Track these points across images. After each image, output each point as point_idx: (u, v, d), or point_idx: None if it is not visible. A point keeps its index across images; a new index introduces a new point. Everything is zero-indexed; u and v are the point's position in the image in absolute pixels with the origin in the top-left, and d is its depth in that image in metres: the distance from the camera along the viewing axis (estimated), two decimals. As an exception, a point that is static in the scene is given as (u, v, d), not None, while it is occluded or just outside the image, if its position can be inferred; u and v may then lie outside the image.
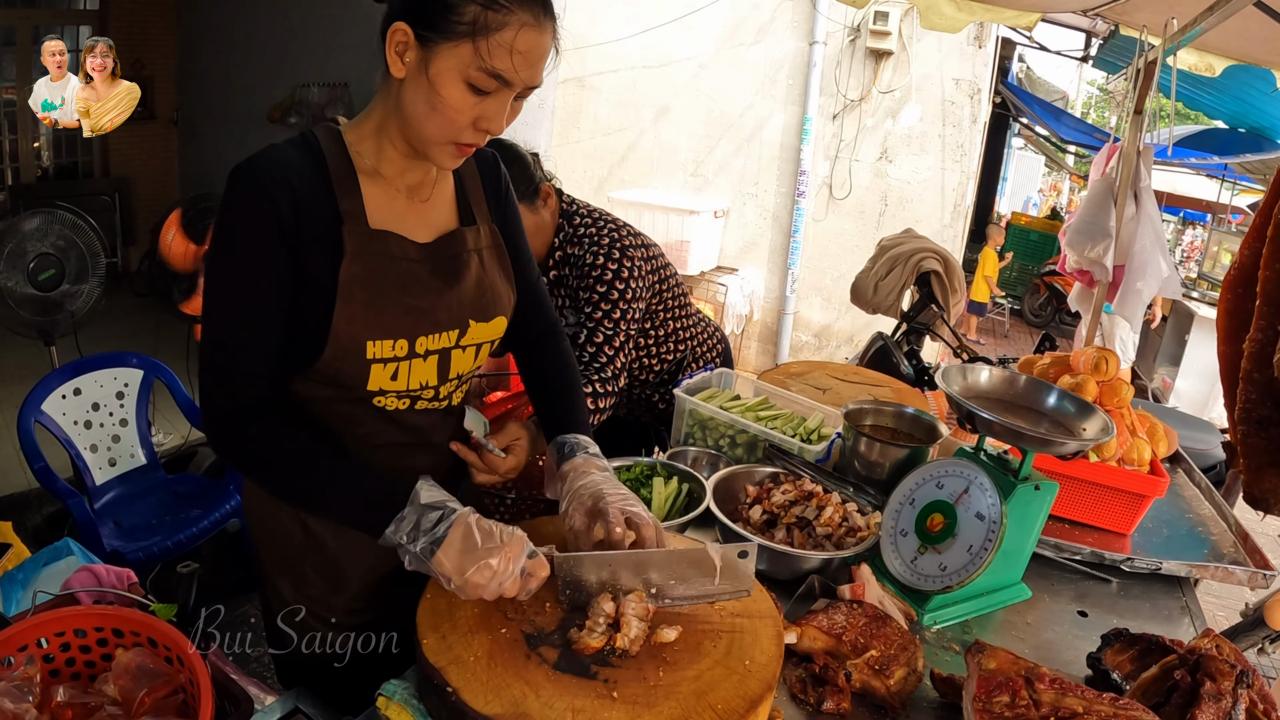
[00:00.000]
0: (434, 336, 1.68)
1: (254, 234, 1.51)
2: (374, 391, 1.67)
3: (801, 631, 1.73)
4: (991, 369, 2.23)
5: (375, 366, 1.62)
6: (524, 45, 1.48)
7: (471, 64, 1.46)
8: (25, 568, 2.52)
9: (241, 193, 1.51)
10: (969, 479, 2.00)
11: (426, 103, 1.50)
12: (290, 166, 1.54)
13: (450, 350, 1.73)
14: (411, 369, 1.68)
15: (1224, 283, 1.91)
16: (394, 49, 1.50)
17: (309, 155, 1.59)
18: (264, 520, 1.86)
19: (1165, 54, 3.54)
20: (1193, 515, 2.76)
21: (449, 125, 1.53)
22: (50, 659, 1.46)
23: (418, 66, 1.49)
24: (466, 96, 1.50)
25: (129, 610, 1.48)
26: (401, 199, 1.69)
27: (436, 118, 1.52)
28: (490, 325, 1.80)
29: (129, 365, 4.27)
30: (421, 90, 1.50)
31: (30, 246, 4.32)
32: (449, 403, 1.85)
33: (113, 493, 4.17)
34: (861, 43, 8.07)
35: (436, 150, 1.59)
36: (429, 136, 1.56)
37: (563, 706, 1.33)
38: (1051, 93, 18.28)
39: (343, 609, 1.86)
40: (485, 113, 1.53)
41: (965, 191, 8.22)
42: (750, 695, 1.41)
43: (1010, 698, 1.49)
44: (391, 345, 1.61)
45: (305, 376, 1.64)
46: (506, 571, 1.47)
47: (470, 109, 1.51)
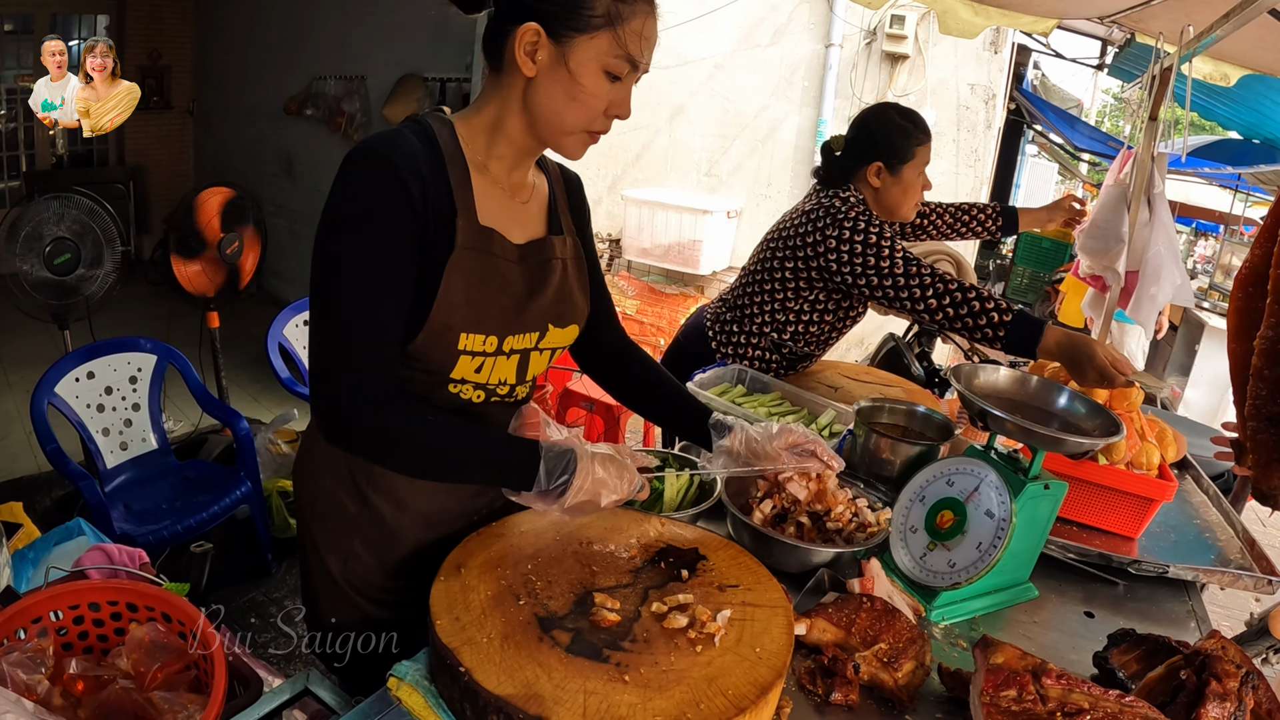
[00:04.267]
0: (520, 336, 1.74)
1: (390, 217, 1.52)
2: (456, 380, 1.71)
3: (811, 623, 1.73)
4: (1004, 369, 2.24)
5: (464, 358, 1.67)
6: (649, 31, 1.61)
7: (609, 52, 1.57)
8: (36, 546, 2.53)
9: (375, 177, 1.51)
10: (979, 477, 2.01)
11: (566, 94, 1.60)
12: (417, 154, 1.56)
13: (530, 351, 1.80)
14: (496, 365, 1.74)
15: (1235, 281, 1.91)
16: (523, 49, 1.57)
17: (427, 144, 1.61)
18: (317, 496, 1.88)
19: (1180, 61, 3.53)
20: (1200, 521, 2.76)
21: (587, 113, 1.63)
22: (64, 632, 1.46)
23: (553, 62, 1.58)
24: (603, 84, 1.60)
25: (143, 585, 1.49)
26: (505, 197, 1.74)
27: (576, 107, 1.61)
28: (565, 332, 1.87)
29: (142, 350, 4.29)
30: (560, 83, 1.59)
31: (47, 230, 4.34)
32: (516, 398, 1.88)
33: (123, 476, 4.19)
34: (877, 46, 8.07)
35: (571, 140, 1.68)
36: (567, 126, 1.64)
37: (575, 688, 1.34)
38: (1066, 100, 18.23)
39: (387, 585, 1.88)
40: (617, 99, 1.65)
41: (979, 197, 8.20)
42: (760, 682, 1.42)
43: (1017, 692, 1.49)
44: (483, 340, 1.67)
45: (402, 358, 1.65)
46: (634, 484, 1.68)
47: (605, 95, 1.62)
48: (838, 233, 2.89)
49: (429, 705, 1.44)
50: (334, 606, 1.91)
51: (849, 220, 2.88)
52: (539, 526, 1.81)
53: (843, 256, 2.88)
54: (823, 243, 2.92)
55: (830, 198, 3.00)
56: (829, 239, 2.90)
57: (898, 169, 3.02)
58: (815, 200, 3.05)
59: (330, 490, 1.85)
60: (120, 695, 1.36)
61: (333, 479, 1.84)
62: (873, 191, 3.08)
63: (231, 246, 5.02)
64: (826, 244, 2.91)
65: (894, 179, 3.04)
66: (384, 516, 1.83)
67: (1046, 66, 17.26)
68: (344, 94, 8.09)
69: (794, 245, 3.03)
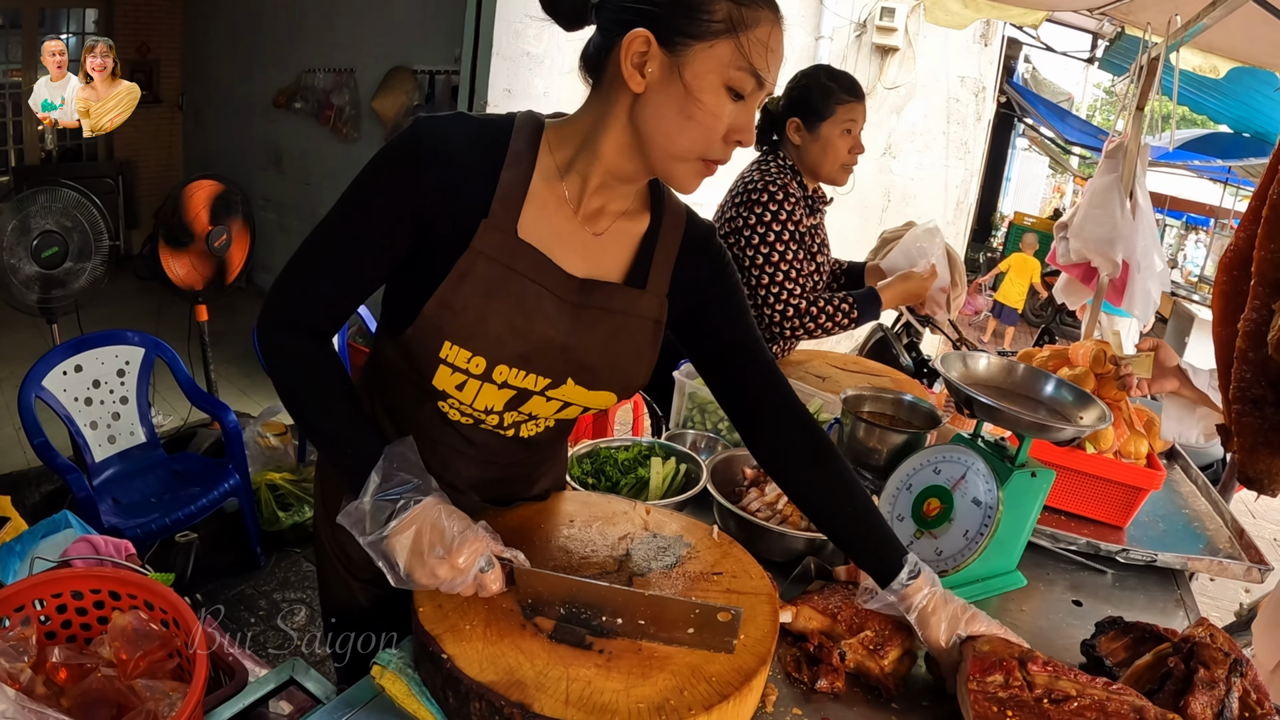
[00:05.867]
0: (517, 373, 1.57)
1: (386, 192, 1.47)
2: (439, 391, 1.60)
3: (797, 611, 1.73)
4: (991, 357, 2.24)
5: (443, 368, 1.54)
6: (775, 43, 1.43)
7: (731, 64, 1.38)
8: (24, 539, 2.52)
9: (401, 147, 1.47)
10: (966, 465, 2.01)
11: (680, 113, 1.41)
12: (460, 144, 1.48)
13: (532, 394, 1.62)
14: (481, 390, 1.59)
15: (1219, 265, 1.91)
16: (630, 61, 1.40)
17: (494, 140, 1.51)
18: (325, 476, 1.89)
19: (1168, 50, 3.54)
20: (1189, 510, 2.77)
21: (705, 135, 1.43)
22: (46, 621, 1.46)
23: (665, 75, 1.40)
24: (725, 102, 1.41)
25: (126, 572, 1.48)
26: (573, 221, 1.58)
27: (692, 128, 1.42)
28: (593, 395, 1.66)
29: (130, 343, 4.27)
30: (673, 99, 1.40)
31: (34, 224, 4.33)
32: (516, 433, 1.73)
33: (112, 470, 4.18)
34: (867, 38, 8.06)
35: (683, 169, 1.48)
36: (679, 151, 1.45)
37: (557, 675, 1.33)
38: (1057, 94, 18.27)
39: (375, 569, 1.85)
40: (739, 122, 1.44)
41: (968, 189, 8.22)
42: (744, 669, 1.41)
43: (1004, 679, 1.50)
44: (468, 358, 1.52)
45: (395, 342, 1.58)
46: (451, 581, 1.39)
47: (727, 116, 1.42)
48: (745, 213, 3.01)
49: (412, 693, 1.43)
50: (334, 594, 1.91)
51: (759, 204, 3.00)
52: (524, 515, 1.81)
53: (739, 239, 3.02)
54: (736, 218, 3.03)
55: (753, 170, 3.11)
56: (740, 217, 3.02)
57: (815, 125, 3.07)
58: (738, 179, 3.16)
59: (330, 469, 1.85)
60: (102, 683, 1.35)
61: None
62: (795, 149, 3.14)
63: (219, 239, 5.01)
64: (735, 223, 3.03)
65: (812, 136, 3.08)
66: None
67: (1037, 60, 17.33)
68: (333, 87, 8.08)
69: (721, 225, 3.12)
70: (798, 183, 3.11)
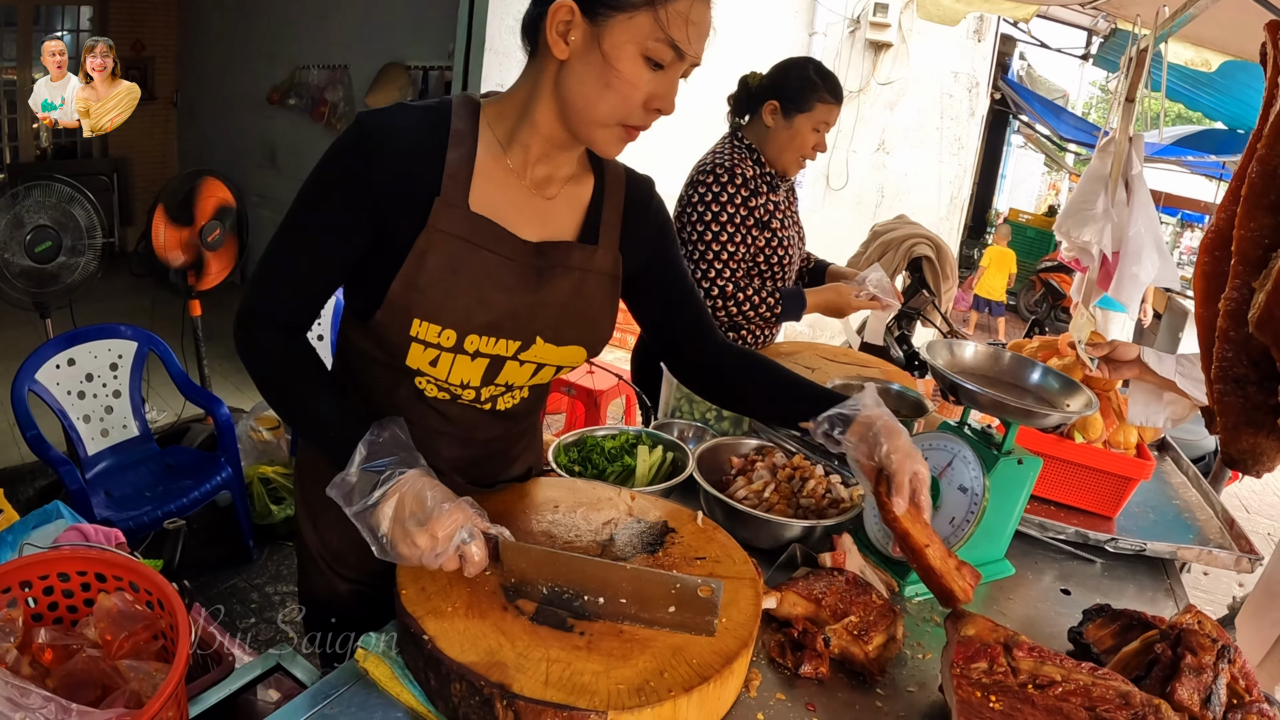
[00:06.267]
0: (489, 340, 1.62)
1: (341, 184, 1.52)
2: (413, 370, 1.64)
3: (782, 596, 1.74)
4: (978, 345, 2.25)
5: (415, 346, 1.58)
6: (697, 16, 1.48)
7: (649, 35, 1.44)
8: (15, 530, 2.52)
9: (348, 141, 1.51)
10: (953, 452, 2.01)
11: (599, 80, 1.47)
12: (406, 131, 1.53)
13: (505, 359, 1.67)
14: (455, 363, 1.63)
15: (1200, 246, 1.92)
16: (555, 29, 1.47)
17: (435, 122, 1.56)
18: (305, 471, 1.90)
19: (1157, 40, 3.54)
20: (1179, 501, 2.77)
21: (623, 103, 1.50)
22: (34, 603, 1.46)
23: (586, 44, 1.46)
24: (643, 71, 1.47)
25: (112, 554, 1.49)
26: (521, 190, 1.64)
27: (610, 96, 1.48)
28: (563, 350, 1.72)
29: (123, 337, 4.27)
30: (593, 68, 1.47)
31: (28, 219, 4.33)
32: (493, 406, 1.78)
33: (104, 463, 4.19)
34: (861, 34, 8.08)
35: (603, 134, 1.55)
36: (599, 117, 1.52)
37: (538, 656, 1.34)
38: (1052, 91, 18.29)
39: (355, 564, 1.86)
40: (658, 90, 1.51)
41: (962, 185, 8.23)
42: (726, 651, 1.42)
43: (988, 664, 1.49)
44: (438, 332, 1.57)
45: (364, 330, 1.63)
46: (432, 551, 1.39)
47: (645, 85, 1.48)
48: (690, 191, 3.13)
49: (395, 676, 1.44)
50: (315, 586, 1.91)
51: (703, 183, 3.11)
52: (509, 500, 1.81)
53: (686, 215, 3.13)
54: (688, 195, 3.15)
55: (710, 155, 3.21)
56: (689, 194, 3.15)
57: (791, 114, 3.13)
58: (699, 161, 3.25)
59: (313, 463, 1.86)
60: (87, 664, 1.35)
61: (315, 452, 1.85)
62: (765, 130, 3.20)
63: (212, 234, 5.03)
64: (684, 200, 3.17)
65: (785, 122, 3.15)
66: None
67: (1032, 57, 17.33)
68: (327, 83, 8.08)
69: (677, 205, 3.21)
70: (754, 161, 3.20)
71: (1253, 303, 1.64)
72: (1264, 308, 1.60)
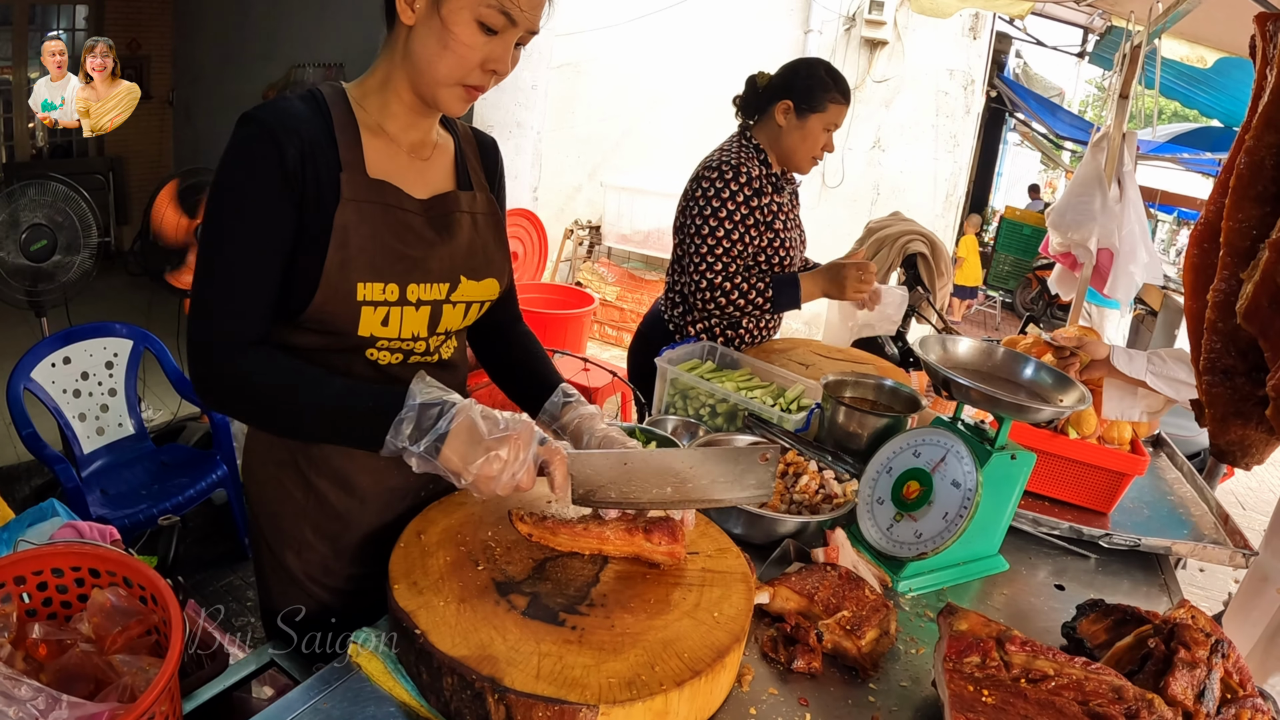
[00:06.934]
0: (425, 286, 1.71)
1: (258, 176, 1.54)
2: (366, 339, 1.68)
3: (774, 592, 1.74)
4: (971, 340, 2.25)
5: (366, 310, 1.63)
6: None
7: (482, 2, 1.54)
8: (10, 528, 2.52)
9: (248, 136, 1.54)
10: (946, 448, 2.02)
11: (439, 43, 1.58)
12: (298, 116, 1.59)
13: (441, 304, 1.76)
14: (404, 317, 1.70)
15: (1190, 238, 1.92)
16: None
17: (314, 107, 1.63)
18: (264, 486, 1.86)
19: (1150, 37, 3.55)
20: (1174, 497, 2.78)
21: (460, 64, 1.60)
22: (27, 598, 1.47)
23: (428, 9, 1.57)
24: (477, 35, 1.57)
25: (105, 550, 1.49)
26: (402, 155, 1.74)
27: (448, 57, 1.59)
28: (482, 285, 1.83)
29: (118, 335, 4.27)
30: (434, 31, 1.58)
31: (23, 217, 4.32)
32: (439, 357, 1.86)
33: (100, 461, 4.17)
34: (856, 32, 8.08)
35: (446, 93, 1.65)
36: (440, 78, 1.62)
37: (529, 650, 1.34)
38: (1048, 89, 18.31)
39: (343, 573, 1.86)
40: (493, 54, 1.61)
41: (958, 182, 8.24)
42: (717, 646, 1.42)
43: (981, 659, 1.50)
44: (382, 289, 1.64)
45: (299, 325, 1.64)
46: (517, 460, 1.48)
47: (480, 48, 1.59)
48: (694, 185, 3.15)
49: (388, 671, 1.44)
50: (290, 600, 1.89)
51: (707, 179, 3.12)
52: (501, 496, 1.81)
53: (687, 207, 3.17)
54: (693, 189, 3.17)
55: (714, 154, 3.22)
56: (693, 189, 3.16)
57: (805, 114, 3.14)
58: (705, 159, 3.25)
59: (276, 479, 1.83)
60: (81, 658, 1.36)
61: (277, 467, 1.82)
62: (776, 130, 3.20)
63: (208, 232, 4.98)
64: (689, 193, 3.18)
65: (798, 122, 3.15)
66: (331, 501, 1.81)
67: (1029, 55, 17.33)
68: (323, 81, 8.06)
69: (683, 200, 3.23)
70: (760, 161, 3.21)
71: (1241, 293, 1.64)
72: (1251, 298, 1.60)
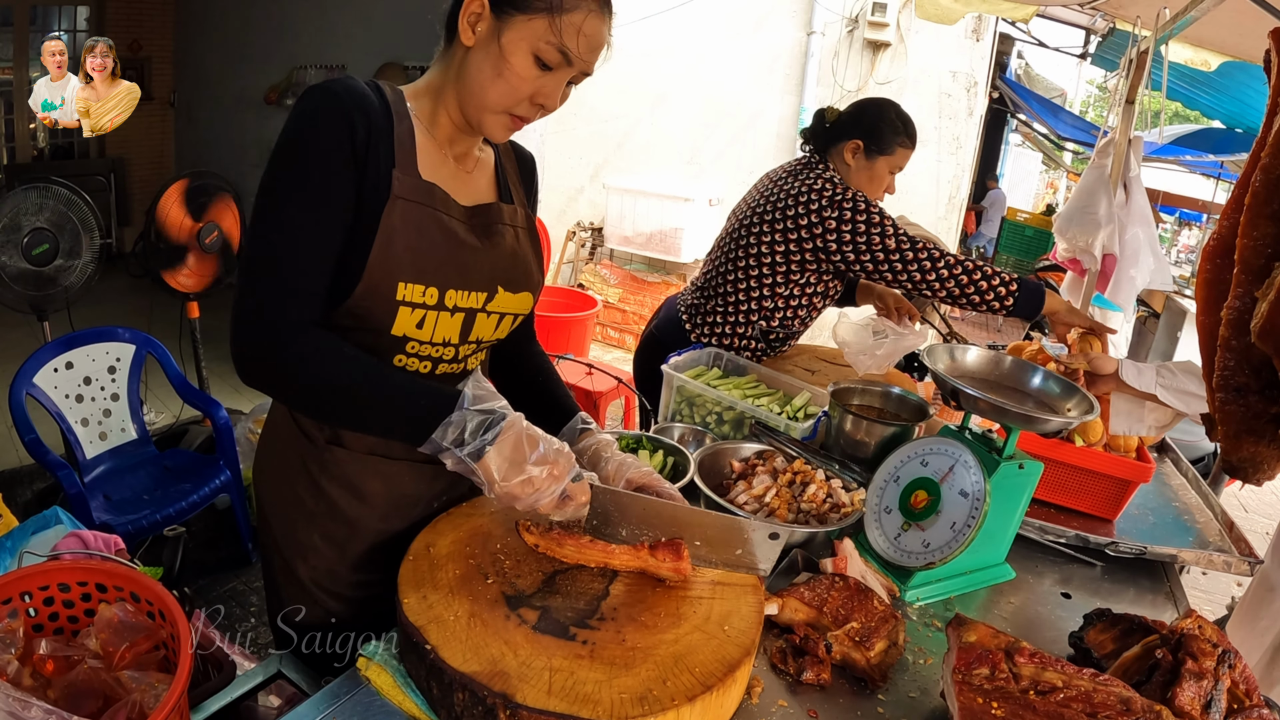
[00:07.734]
0: (463, 293, 1.70)
1: (328, 147, 1.54)
2: (399, 339, 1.66)
3: (783, 603, 1.74)
4: (978, 349, 2.24)
5: (403, 310, 1.62)
6: (590, 29, 1.59)
7: (542, 37, 1.56)
8: (14, 536, 2.51)
9: (319, 108, 1.55)
10: (954, 457, 2.01)
11: (493, 69, 1.59)
12: (368, 98, 1.60)
13: (476, 312, 1.75)
14: (438, 321, 1.69)
15: (1203, 253, 1.92)
16: (467, 18, 1.60)
17: (381, 98, 1.64)
18: (274, 491, 1.86)
19: (1157, 43, 3.55)
20: (1179, 504, 2.77)
21: (510, 94, 1.61)
22: (34, 613, 1.46)
23: (489, 35, 1.59)
24: (532, 68, 1.59)
25: (113, 564, 1.48)
26: (449, 163, 1.76)
27: (500, 85, 1.60)
28: (517, 298, 1.83)
29: (121, 340, 4.26)
30: (490, 57, 1.59)
31: (25, 221, 4.31)
32: (464, 366, 1.84)
33: (103, 466, 4.17)
34: (859, 34, 8.08)
35: (492, 119, 1.66)
36: (488, 103, 1.63)
37: (540, 665, 1.34)
38: (1050, 90, 18.30)
39: (350, 579, 1.85)
40: (544, 88, 1.62)
41: (960, 184, 8.23)
42: (728, 659, 1.42)
43: (990, 670, 1.49)
44: (422, 291, 1.63)
45: (333, 318, 1.62)
46: (547, 489, 1.51)
47: (532, 81, 1.60)
48: (837, 214, 2.98)
49: (398, 684, 1.44)
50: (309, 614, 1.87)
51: (847, 201, 2.98)
52: (510, 508, 1.80)
53: (844, 237, 2.98)
54: (820, 224, 3.00)
55: (815, 178, 3.06)
56: (827, 220, 2.99)
57: (874, 155, 3.13)
58: (798, 182, 3.08)
59: (287, 483, 1.82)
60: (89, 675, 1.35)
61: (288, 470, 1.82)
62: (845, 167, 3.17)
63: (211, 236, 4.98)
64: (825, 225, 2.99)
65: (867, 163, 3.14)
66: (341, 507, 1.79)
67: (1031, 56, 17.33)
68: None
69: (783, 228, 3.07)
70: None
71: (1255, 312, 1.63)
72: (1266, 317, 1.59)
